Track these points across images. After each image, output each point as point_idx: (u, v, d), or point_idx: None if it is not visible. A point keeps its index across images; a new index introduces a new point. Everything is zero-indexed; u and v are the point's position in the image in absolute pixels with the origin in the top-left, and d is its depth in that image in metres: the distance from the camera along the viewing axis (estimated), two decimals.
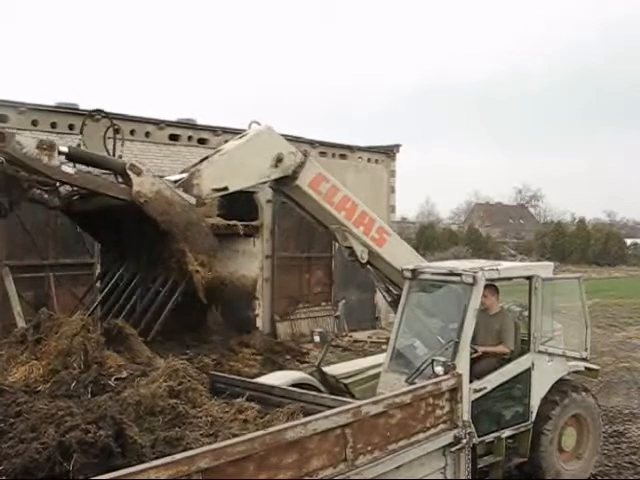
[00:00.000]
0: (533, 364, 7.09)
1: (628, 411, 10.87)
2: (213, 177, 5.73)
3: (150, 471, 2.99)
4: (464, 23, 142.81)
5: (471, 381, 6.51)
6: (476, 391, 6.55)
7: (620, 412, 10.80)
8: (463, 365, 6.37)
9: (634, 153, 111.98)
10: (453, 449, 4.77)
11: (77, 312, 6.17)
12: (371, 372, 7.48)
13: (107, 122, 6.53)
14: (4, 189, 4.70)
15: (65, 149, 4.89)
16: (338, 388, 7.39)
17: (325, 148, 18.45)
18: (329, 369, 7.85)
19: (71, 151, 4.96)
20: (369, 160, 20.11)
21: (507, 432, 6.94)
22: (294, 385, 6.80)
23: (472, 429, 5.02)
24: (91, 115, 9.28)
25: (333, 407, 4.40)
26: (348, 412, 4.01)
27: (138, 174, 5.11)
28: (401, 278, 7.27)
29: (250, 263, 5.91)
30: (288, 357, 14.79)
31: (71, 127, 13.35)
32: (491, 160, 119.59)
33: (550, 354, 7.32)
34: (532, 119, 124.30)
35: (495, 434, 6.80)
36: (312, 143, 17.61)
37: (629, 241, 54.91)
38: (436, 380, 4.99)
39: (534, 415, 7.13)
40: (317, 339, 8.05)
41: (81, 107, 13.86)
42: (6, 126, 12.49)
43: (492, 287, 7.11)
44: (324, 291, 18.39)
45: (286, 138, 7.02)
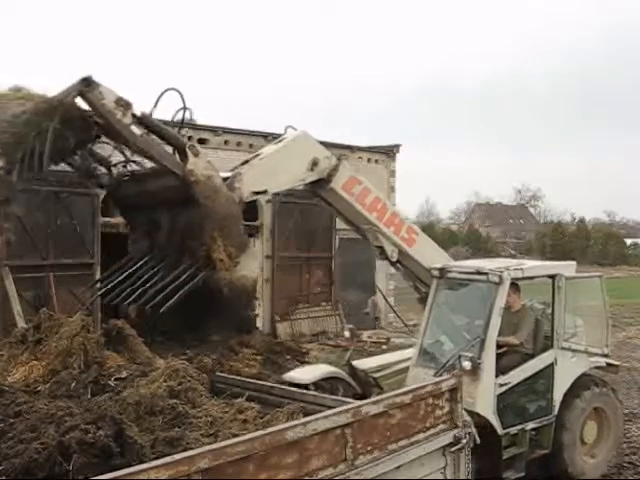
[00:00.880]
0: (556, 360, 7.33)
1: (628, 411, 10.85)
2: (253, 180, 5.94)
3: (150, 471, 2.98)
4: (464, 23, 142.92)
5: (496, 376, 6.78)
6: (501, 385, 6.82)
7: None
8: (489, 361, 6.68)
9: (634, 153, 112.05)
10: (453, 449, 4.77)
11: (78, 312, 6.17)
12: (399, 366, 7.70)
13: None
14: (74, 127, 4.93)
15: (138, 113, 5.12)
16: (367, 382, 7.63)
17: (325, 148, 18.43)
18: (358, 363, 8.05)
19: (143, 116, 5.17)
20: (369, 160, 20.12)
21: (531, 425, 7.17)
22: (325, 379, 7.20)
23: (472, 429, 5.03)
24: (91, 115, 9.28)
25: (333, 407, 4.40)
26: (348, 412, 4.00)
27: (195, 155, 5.29)
28: (429, 276, 7.51)
29: (250, 263, 5.93)
30: (288, 357, 14.77)
31: None
32: (491, 160, 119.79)
33: (572, 350, 7.56)
34: (532, 119, 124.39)
35: (519, 426, 7.03)
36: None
37: (629, 241, 54.94)
38: (436, 380, 5.00)
39: (557, 409, 7.36)
40: (347, 334, 8.53)
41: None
42: None
43: (514, 285, 7.29)
44: (324, 291, 18.38)
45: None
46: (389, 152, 20.59)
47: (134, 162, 5.77)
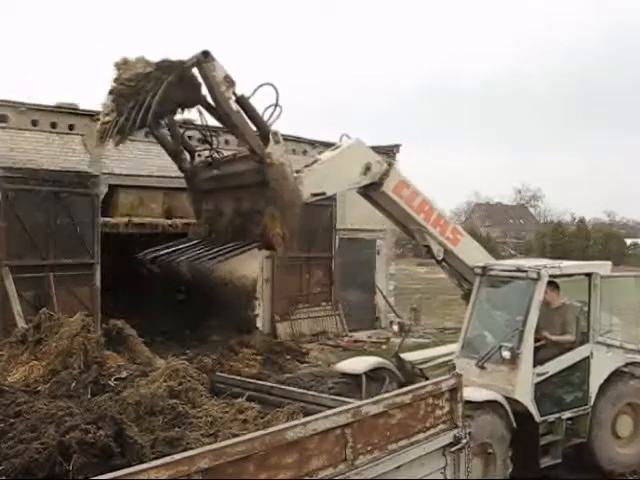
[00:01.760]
0: (592, 353, 7.73)
1: None
2: (313, 183, 6.54)
3: (150, 471, 2.99)
4: (464, 23, 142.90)
5: (534, 366, 7.25)
6: (539, 375, 7.30)
7: None
8: (527, 351, 7.18)
9: (634, 153, 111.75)
10: (453, 449, 4.77)
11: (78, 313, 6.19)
12: (444, 359, 8.10)
13: None
14: (185, 87, 5.63)
15: (238, 94, 5.67)
16: (414, 373, 8.10)
17: (325, 148, 18.36)
18: (406, 355, 8.52)
19: (241, 97, 5.72)
20: None
21: (567, 414, 7.58)
22: (373, 369, 7.74)
23: (471, 429, 5.04)
24: (90, 115, 9.38)
25: (333, 407, 4.41)
26: (348, 412, 4.01)
27: (276, 142, 5.83)
28: (472, 274, 8.05)
29: (250, 263, 5.98)
30: (288, 357, 14.77)
31: (71, 127, 13.36)
32: (491, 160, 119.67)
33: (608, 345, 7.90)
34: (532, 119, 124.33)
35: (556, 415, 7.46)
36: (312, 143, 17.57)
37: (629, 241, 54.94)
38: (436, 380, 5.00)
39: (592, 400, 7.74)
40: (396, 328, 9.06)
41: (81, 107, 13.84)
42: (6, 126, 12.52)
43: (553, 284, 7.73)
44: (324, 291, 18.36)
45: (285, 138, 7.10)
46: (389, 152, 20.52)
47: (217, 151, 6.44)
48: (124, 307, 11.35)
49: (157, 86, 5.44)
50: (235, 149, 6.65)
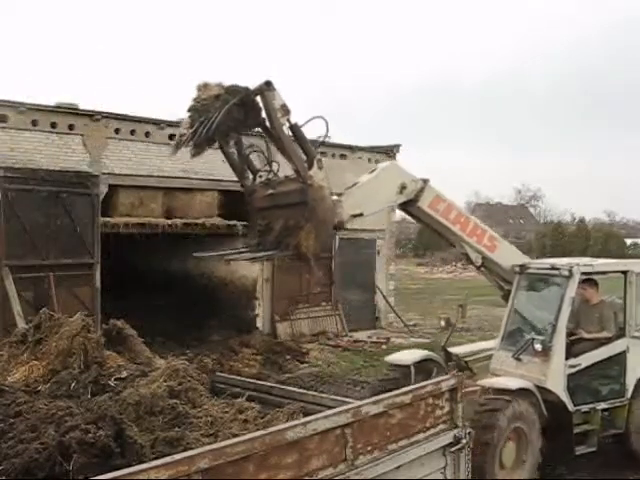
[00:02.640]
0: (628, 347, 8.09)
1: None
2: (352, 206, 6.99)
3: (150, 471, 2.98)
4: (464, 23, 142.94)
5: (567, 358, 7.64)
6: (572, 367, 7.68)
7: None
8: (559, 344, 7.59)
9: (634, 153, 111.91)
10: (453, 449, 4.78)
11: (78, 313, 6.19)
12: (488, 352, 8.57)
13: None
14: (247, 110, 6.23)
15: (292, 121, 6.24)
16: (459, 365, 8.53)
17: (325, 148, 18.36)
18: (453, 349, 9.07)
19: (295, 125, 6.29)
20: (369, 160, 20.06)
21: (602, 405, 7.93)
22: (422, 361, 8.24)
23: (471, 429, 5.05)
24: (90, 115, 9.43)
25: (333, 407, 4.40)
26: (348, 412, 4.01)
27: (320, 167, 6.42)
28: (510, 276, 8.51)
29: (250, 263, 6.03)
30: (288, 357, 14.77)
31: (71, 127, 13.35)
32: (491, 160, 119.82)
33: None
34: (532, 119, 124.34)
35: (590, 405, 7.82)
36: (312, 143, 17.55)
37: (629, 241, 54.93)
38: (436, 380, 5.00)
39: (630, 392, 8.09)
40: (443, 323, 9.76)
41: (81, 107, 13.84)
42: (6, 126, 12.52)
43: (591, 281, 8.20)
44: (324, 291, 18.36)
45: None
46: (389, 152, 20.55)
47: (275, 174, 6.94)
48: (124, 307, 11.35)
49: (223, 106, 6.10)
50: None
